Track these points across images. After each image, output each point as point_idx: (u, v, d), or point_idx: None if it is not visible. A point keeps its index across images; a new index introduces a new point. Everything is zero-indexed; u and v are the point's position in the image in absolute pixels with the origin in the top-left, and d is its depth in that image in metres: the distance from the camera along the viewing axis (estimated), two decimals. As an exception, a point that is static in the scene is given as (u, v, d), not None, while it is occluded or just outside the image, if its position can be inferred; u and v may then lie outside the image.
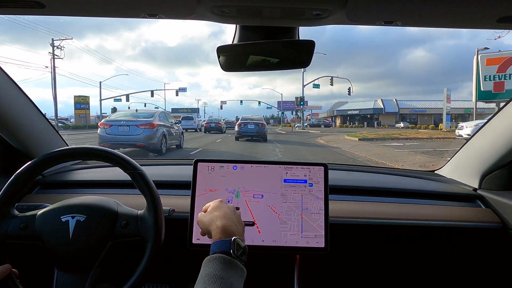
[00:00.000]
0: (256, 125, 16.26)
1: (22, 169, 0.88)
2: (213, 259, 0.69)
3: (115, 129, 8.55)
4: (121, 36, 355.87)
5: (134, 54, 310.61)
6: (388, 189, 1.36)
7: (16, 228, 0.85)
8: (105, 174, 1.45)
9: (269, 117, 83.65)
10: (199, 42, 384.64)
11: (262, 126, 16.47)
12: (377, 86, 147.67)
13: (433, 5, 0.64)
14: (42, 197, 1.26)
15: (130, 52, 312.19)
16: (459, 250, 1.29)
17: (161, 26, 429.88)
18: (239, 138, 16.30)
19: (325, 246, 1.02)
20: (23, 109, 1.26)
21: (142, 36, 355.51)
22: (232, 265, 0.69)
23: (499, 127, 1.22)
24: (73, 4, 0.67)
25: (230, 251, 0.70)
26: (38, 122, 1.35)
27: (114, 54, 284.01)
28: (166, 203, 0.95)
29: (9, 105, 1.17)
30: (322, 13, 0.69)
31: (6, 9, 0.66)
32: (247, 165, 1.08)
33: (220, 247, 0.72)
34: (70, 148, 0.94)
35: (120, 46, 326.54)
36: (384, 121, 52.91)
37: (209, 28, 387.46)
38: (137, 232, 0.87)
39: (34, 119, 1.33)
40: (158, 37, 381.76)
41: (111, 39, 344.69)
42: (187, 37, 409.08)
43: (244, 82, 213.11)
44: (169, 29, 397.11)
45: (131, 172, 0.90)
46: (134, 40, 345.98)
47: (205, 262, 0.70)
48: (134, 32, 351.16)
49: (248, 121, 16.48)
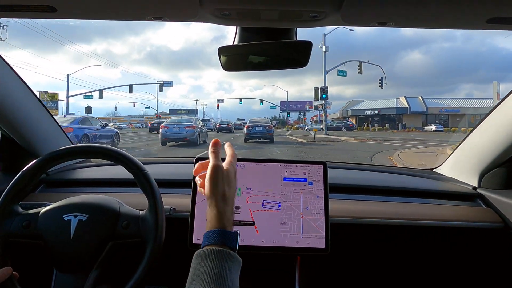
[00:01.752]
0: (263, 128, 16.81)
1: (28, 167, 0.89)
2: (218, 253, 0.60)
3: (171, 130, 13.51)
4: (126, 40, 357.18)
5: (139, 58, 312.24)
6: (387, 187, 1.36)
7: (19, 226, 0.86)
8: (108, 172, 1.46)
9: (271, 119, 78.46)
10: (201, 46, 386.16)
11: (269, 128, 17.11)
12: (374, 88, 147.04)
13: (424, 6, 0.66)
14: (46, 196, 1.27)
15: (135, 56, 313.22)
16: (461, 250, 1.28)
17: (165, 31, 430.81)
18: (248, 140, 16.71)
19: (325, 247, 1.01)
20: (30, 108, 1.27)
21: (148, 41, 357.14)
22: (234, 260, 0.62)
23: (497, 124, 1.21)
24: (83, 8, 0.70)
25: (235, 246, 0.64)
26: (44, 121, 1.37)
27: (120, 58, 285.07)
28: (167, 202, 0.95)
29: (16, 104, 1.19)
30: (318, 15, 0.71)
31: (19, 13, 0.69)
32: (247, 163, 1.08)
33: (225, 239, 0.63)
34: (75, 146, 0.95)
35: (126, 50, 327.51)
36: (409, 122, 44.90)
37: (212, 33, 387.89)
38: (138, 233, 0.87)
39: (40, 118, 1.34)
40: (163, 41, 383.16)
41: (117, 43, 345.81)
42: (191, 41, 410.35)
43: (245, 84, 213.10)
44: (173, 34, 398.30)
45: (135, 171, 0.90)
46: (139, 45, 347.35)
47: (205, 256, 0.61)
48: (139, 37, 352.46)
49: (256, 124, 17.09)
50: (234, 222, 1.02)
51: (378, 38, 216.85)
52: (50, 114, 1.39)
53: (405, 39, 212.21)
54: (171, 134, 13.36)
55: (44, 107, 1.35)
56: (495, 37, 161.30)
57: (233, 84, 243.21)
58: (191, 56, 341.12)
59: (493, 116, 1.23)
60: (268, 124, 17.43)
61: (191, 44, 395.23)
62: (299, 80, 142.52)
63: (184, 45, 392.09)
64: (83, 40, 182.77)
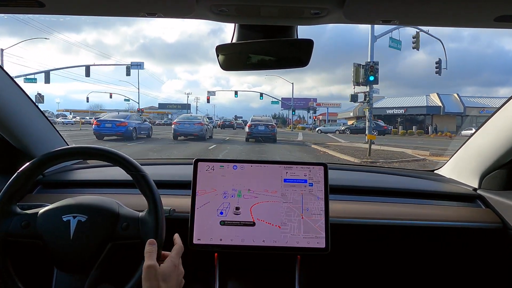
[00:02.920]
0: (266, 127, 16.54)
1: (23, 168, 0.88)
2: None
3: (182, 126, 15.63)
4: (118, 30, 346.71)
5: (132, 49, 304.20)
6: (388, 188, 1.36)
7: (18, 226, 0.85)
8: (106, 173, 1.45)
9: (271, 116, 74.07)
10: (198, 40, 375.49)
11: (272, 127, 16.81)
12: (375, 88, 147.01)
13: (430, 4, 0.65)
14: (43, 197, 1.26)
15: (128, 47, 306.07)
16: (460, 250, 1.29)
17: (159, 22, 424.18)
18: (249, 139, 16.51)
19: (325, 247, 1.02)
20: (23, 108, 1.26)
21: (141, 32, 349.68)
22: None
23: (498, 126, 1.22)
24: (72, 3, 0.68)
25: None
26: (38, 121, 1.36)
27: (112, 49, 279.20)
28: (166, 203, 0.95)
29: (9, 104, 1.18)
30: (320, 12, 0.69)
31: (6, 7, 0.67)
32: (247, 165, 1.09)
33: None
34: (71, 147, 0.94)
35: (119, 41, 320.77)
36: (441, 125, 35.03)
37: (209, 26, 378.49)
38: (137, 234, 0.87)
39: (34, 118, 1.33)
40: (157, 33, 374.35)
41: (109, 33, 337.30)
42: (186, 34, 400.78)
43: (243, 81, 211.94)
44: (168, 26, 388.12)
45: (133, 173, 0.89)
46: (132, 36, 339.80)
47: None
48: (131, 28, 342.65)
49: (258, 123, 16.93)
50: (234, 223, 1.02)
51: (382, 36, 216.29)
52: (44, 115, 1.38)
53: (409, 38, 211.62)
54: (182, 129, 15.55)
55: (38, 108, 1.34)
56: (502, 38, 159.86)
57: (230, 80, 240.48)
58: (186, 49, 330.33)
59: (494, 119, 1.24)
60: (271, 123, 17.22)
61: (187, 37, 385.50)
62: (300, 78, 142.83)
63: (180, 38, 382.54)
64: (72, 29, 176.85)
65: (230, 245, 1.03)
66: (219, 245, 1.03)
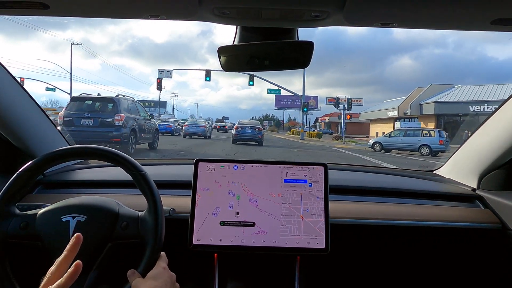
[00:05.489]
0: (253, 130, 16.88)
1: (24, 168, 0.88)
2: None
3: (190, 128, 19.52)
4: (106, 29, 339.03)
5: (120, 49, 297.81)
6: (387, 189, 1.37)
7: (17, 227, 0.85)
8: (106, 173, 1.45)
9: (263, 118, 66.92)
10: (187, 41, 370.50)
11: (259, 130, 17.31)
12: (364, 92, 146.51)
13: (428, 7, 0.66)
14: (43, 197, 1.26)
15: (116, 47, 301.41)
16: (459, 251, 1.29)
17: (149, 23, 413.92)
18: (236, 141, 16.65)
19: (325, 247, 1.02)
20: (25, 108, 1.26)
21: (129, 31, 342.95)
22: None
23: (497, 126, 1.22)
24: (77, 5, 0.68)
25: None
26: (40, 121, 1.36)
27: (99, 48, 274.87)
28: (166, 203, 0.95)
29: (10, 103, 1.17)
30: (320, 14, 0.70)
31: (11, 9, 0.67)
32: (248, 165, 1.09)
33: None
34: (72, 147, 0.94)
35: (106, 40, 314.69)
36: None
37: (199, 27, 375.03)
38: (137, 234, 0.86)
39: (35, 118, 1.33)
40: (146, 33, 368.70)
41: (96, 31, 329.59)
42: (176, 35, 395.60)
43: (233, 83, 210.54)
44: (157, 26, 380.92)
45: (133, 172, 0.89)
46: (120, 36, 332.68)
47: None
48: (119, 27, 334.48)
49: (245, 125, 17.31)
50: (234, 223, 1.03)
51: (369, 40, 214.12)
52: (46, 115, 1.38)
53: (396, 43, 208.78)
54: (190, 131, 19.62)
55: (40, 108, 1.34)
56: (486, 45, 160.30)
57: (220, 82, 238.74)
58: (176, 50, 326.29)
59: (493, 119, 1.24)
60: (258, 126, 17.69)
61: (177, 37, 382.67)
62: (289, 81, 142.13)
63: (169, 38, 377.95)
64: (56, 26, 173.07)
65: (230, 246, 1.03)
66: (219, 246, 1.03)
